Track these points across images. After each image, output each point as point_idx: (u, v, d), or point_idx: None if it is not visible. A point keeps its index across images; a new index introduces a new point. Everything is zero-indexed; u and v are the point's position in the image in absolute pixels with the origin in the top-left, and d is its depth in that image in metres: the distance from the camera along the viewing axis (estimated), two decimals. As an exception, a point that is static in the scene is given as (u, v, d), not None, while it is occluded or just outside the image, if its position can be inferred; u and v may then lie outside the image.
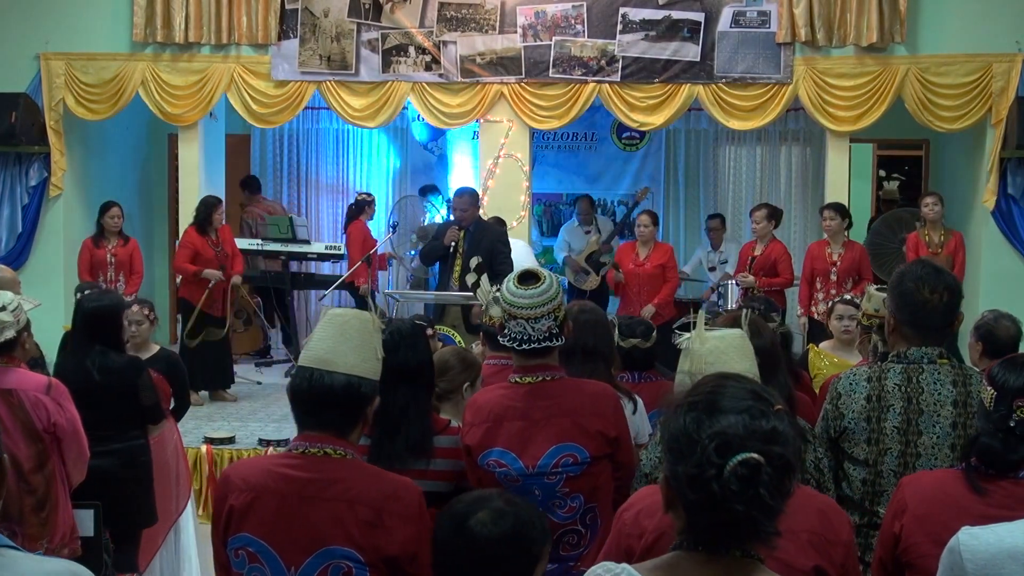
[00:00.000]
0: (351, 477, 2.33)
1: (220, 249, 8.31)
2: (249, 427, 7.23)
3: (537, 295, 2.92)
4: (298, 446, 2.38)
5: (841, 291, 7.74)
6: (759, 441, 1.55)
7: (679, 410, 1.64)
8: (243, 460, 2.76)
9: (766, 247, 8.35)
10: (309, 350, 2.42)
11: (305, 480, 2.32)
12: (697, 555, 1.61)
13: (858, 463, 2.85)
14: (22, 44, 9.20)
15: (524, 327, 2.92)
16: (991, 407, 2.28)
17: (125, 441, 4.58)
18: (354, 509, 2.29)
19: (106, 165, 10.03)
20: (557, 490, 2.95)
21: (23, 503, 3.90)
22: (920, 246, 8.18)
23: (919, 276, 2.85)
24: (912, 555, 2.32)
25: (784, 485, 1.57)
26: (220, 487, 2.40)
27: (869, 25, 8.58)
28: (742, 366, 2.33)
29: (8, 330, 3.92)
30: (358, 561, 2.27)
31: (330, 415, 2.37)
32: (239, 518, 2.33)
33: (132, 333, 5.15)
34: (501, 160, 9.24)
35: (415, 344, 2.97)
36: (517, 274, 3.01)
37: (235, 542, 2.34)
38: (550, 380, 2.98)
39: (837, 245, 8.08)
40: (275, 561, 2.30)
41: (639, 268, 8.26)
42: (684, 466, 1.58)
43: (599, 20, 8.94)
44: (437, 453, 2.93)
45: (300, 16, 9.13)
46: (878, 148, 11.29)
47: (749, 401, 1.61)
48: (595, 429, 2.94)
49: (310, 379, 2.37)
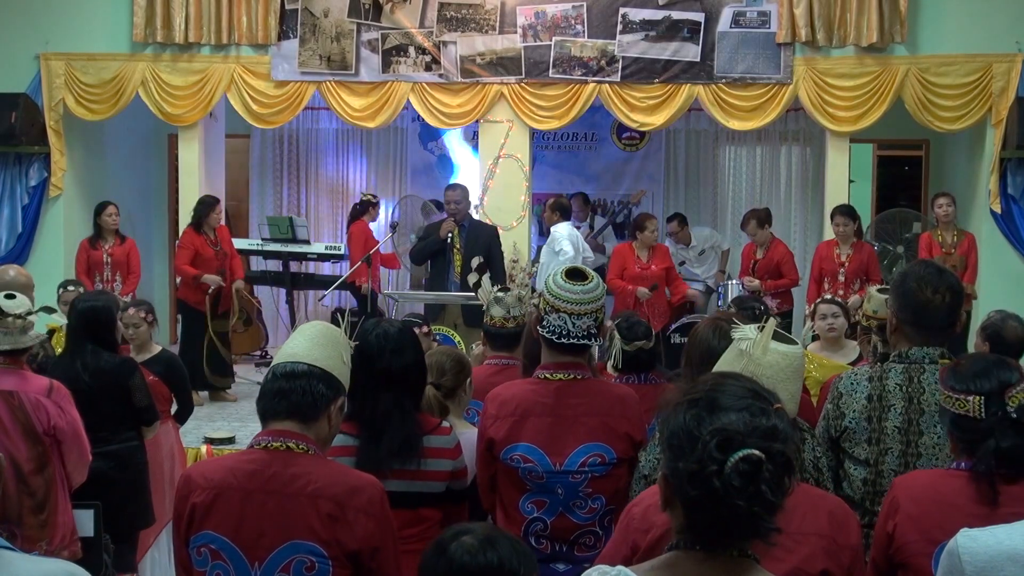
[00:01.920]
0: (313, 472, 2.35)
1: (219, 249, 8.32)
2: (249, 427, 7.22)
3: (584, 292, 2.94)
4: (260, 441, 2.39)
5: (849, 292, 7.82)
6: (760, 438, 1.55)
7: (679, 407, 1.64)
8: (205, 460, 2.79)
9: (768, 250, 8.42)
10: (279, 355, 2.48)
11: (268, 475, 2.33)
12: (695, 554, 1.60)
13: (859, 463, 2.85)
14: (22, 44, 9.21)
15: (565, 321, 2.93)
16: (981, 414, 2.28)
17: (119, 443, 4.58)
18: (316, 503, 2.30)
19: (106, 165, 10.03)
20: (580, 490, 2.95)
21: (23, 505, 3.91)
22: (933, 246, 8.20)
23: (921, 276, 2.86)
24: (906, 554, 2.32)
25: (784, 482, 1.57)
26: (182, 487, 2.41)
27: (869, 25, 8.59)
28: (794, 387, 2.33)
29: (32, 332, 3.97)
30: (321, 555, 2.29)
31: (291, 401, 2.38)
32: (201, 516, 2.34)
33: (130, 336, 5.15)
34: (501, 160, 9.25)
35: (401, 349, 2.97)
36: (565, 269, 3.03)
37: (197, 540, 2.34)
38: (580, 379, 2.98)
39: (846, 246, 8.14)
40: (238, 558, 2.31)
41: (645, 271, 8.25)
42: (685, 462, 1.57)
43: (599, 20, 8.94)
44: (428, 453, 2.93)
45: (300, 16, 9.13)
46: (878, 148, 11.29)
47: (749, 399, 1.62)
48: (623, 431, 2.95)
49: (274, 371, 2.43)
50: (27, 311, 3.97)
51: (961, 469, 2.34)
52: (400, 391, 2.94)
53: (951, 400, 2.35)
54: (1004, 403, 2.26)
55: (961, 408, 2.32)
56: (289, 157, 11.47)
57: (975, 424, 2.29)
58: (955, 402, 2.33)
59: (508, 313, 3.91)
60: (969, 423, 2.30)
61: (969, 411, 2.30)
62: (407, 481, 2.82)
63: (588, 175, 11.33)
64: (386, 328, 3.02)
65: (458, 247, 7.70)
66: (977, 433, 2.29)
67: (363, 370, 2.88)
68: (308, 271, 10.62)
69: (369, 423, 2.89)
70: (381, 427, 2.88)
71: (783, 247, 8.59)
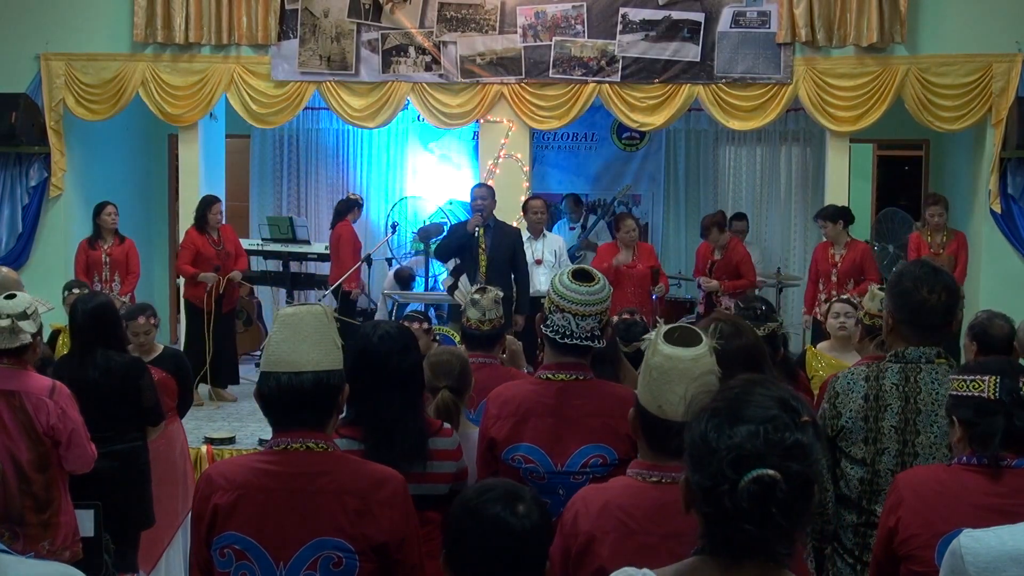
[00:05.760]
0: (336, 469, 2.36)
1: (221, 248, 8.31)
2: (249, 427, 7.22)
3: (589, 293, 2.91)
4: (278, 443, 2.39)
5: (842, 291, 7.80)
6: (778, 456, 1.48)
7: (702, 415, 1.58)
8: (224, 460, 2.76)
9: (726, 250, 8.41)
10: (270, 354, 2.41)
11: (290, 475, 2.34)
12: (720, 560, 1.56)
13: (855, 462, 2.85)
14: (22, 44, 9.21)
15: (569, 322, 2.91)
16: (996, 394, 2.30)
17: (124, 443, 4.58)
18: (341, 499, 2.31)
19: (106, 165, 10.02)
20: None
21: (24, 504, 3.91)
22: (922, 246, 8.22)
23: (917, 276, 2.86)
24: (911, 546, 2.34)
25: (801, 504, 1.50)
26: (202, 487, 2.41)
27: (869, 25, 8.59)
28: (680, 389, 2.19)
29: (25, 335, 3.95)
30: (348, 550, 2.30)
31: (306, 413, 2.38)
32: (224, 517, 2.33)
33: (140, 343, 5.17)
34: (501, 160, 9.25)
35: (406, 349, 2.97)
36: (572, 270, 3.00)
37: (220, 541, 2.34)
38: (582, 380, 2.97)
39: (839, 247, 8.14)
40: (264, 557, 2.31)
41: (631, 269, 8.23)
42: (699, 476, 1.53)
43: (599, 20, 8.94)
44: (433, 456, 2.93)
45: (300, 16, 9.13)
46: (878, 148, 11.29)
47: (774, 411, 1.53)
48: (625, 432, 2.92)
49: (279, 383, 2.37)
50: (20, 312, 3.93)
51: (964, 463, 2.36)
52: (408, 392, 2.94)
53: (964, 384, 2.37)
54: (1019, 387, 2.30)
55: (976, 389, 2.34)
56: (289, 157, 11.47)
57: (987, 404, 2.31)
58: (969, 384, 2.35)
59: (484, 316, 3.92)
60: (982, 403, 2.32)
61: (984, 392, 2.32)
62: (414, 484, 2.81)
63: (588, 175, 11.34)
64: (387, 329, 3.01)
65: (483, 246, 7.71)
66: (988, 414, 2.31)
67: (368, 373, 2.88)
68: (308, 271, 10.61)
69: (378, 425, 2.88)
70: (391, 429, 2.87)
71: (742, 248, 8.60)
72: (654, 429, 2.22)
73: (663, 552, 1.97)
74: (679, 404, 2.13)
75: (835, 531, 2.91)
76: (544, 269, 8.08)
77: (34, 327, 3.99)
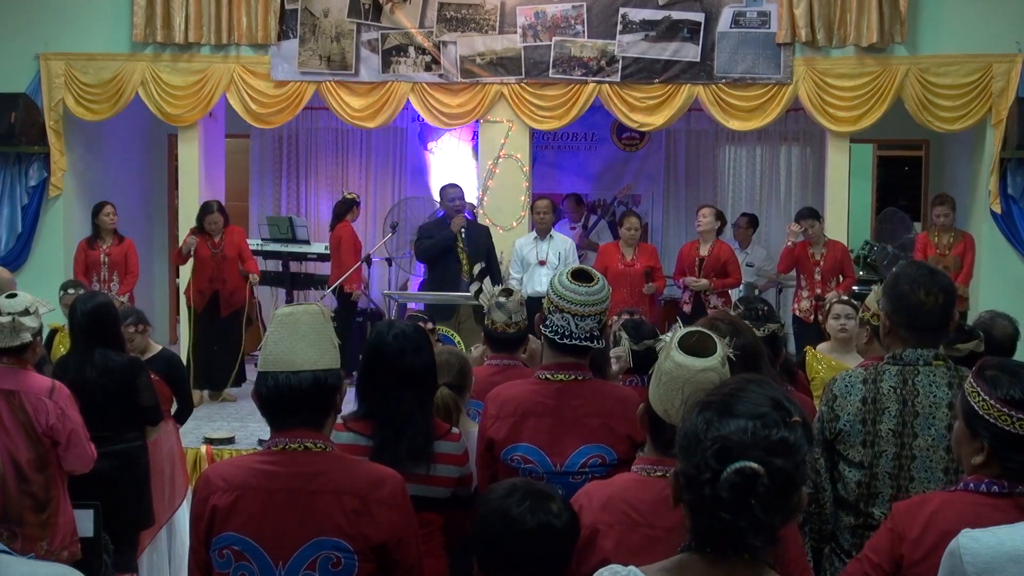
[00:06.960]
0: (334, 469, 2.36)
1: (219, 251, 8.27)
2: (249, 427, 7.23)
3: (589, 294, 2.91)
4: (277, 443, 2.39)
5: (826, 289, 8.02)
6: (762, 451, 1.51)
7: (695, 407, 1.62)
8: (222, 461, 2.76)
9: (712, 248, 8.37)
10: (268, 354, 2.41)
11: (289, 475, 2.34)
12: (706, 556, 1.58)
13: (853, 465, 2.84)
14: (22, 44, 9.21)
15: (569, 322, 2.91)
16: None
17: (124, 443, 4.58)
18: (340, 499, 2.31)
19: (106, 165, 10.03)
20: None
21: (23, 504, 3.90)
22: (928, 246, 8.25)
23: (914, 278, 2.85)
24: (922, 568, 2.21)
25: (783, 500, 1.52)
26: (200, 488, 2.41)
27: (869, 25, 8.59)
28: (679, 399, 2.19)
29: (26, 333, 3.95)
30: (347, 550, 2.30)
31: (304, 413, 2.39)
32: (223, 518, 2.34)
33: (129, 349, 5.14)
34: (501, 160, 9.24)
35: (420, 347, 2.98)
36: (571, 270, 3.00)
37: (219, 542, 2.34)
38: (581, 380, 2.97)
39: (819, 246, 8.29)
40: (263, 558, 2.31)
41: (628, 268, 8.23)
42: (685, 464, 1.57)
43: (599, 20, 8.94)
44: (438, 459, 2.93)
45: (300, 16, 9.13)
46: (878, 148, 11.29)
47: (766, 408, 1.57)
48: (624, 432, 2.93)
49: (277, 383, 2.37)
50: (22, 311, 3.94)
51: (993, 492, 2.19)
52: (421, 390, 2.94)
53: (1008, 419, 2.15)
54: None
55: (1021, 428, 2.14)
56: (289, 157, 11.47)
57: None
58: (1015, 421, 2.14)
59: (511, 319, 3.90)
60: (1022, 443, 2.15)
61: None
62: (416, 485, 2.81)
63: (588, 175, 11.33)
64: (403, 328, 3.02)
65: (462, 246, 7.70)
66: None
67: (382, 370, 2.89)
68: (308, 271, 10.61)
69: (389, 423, 2.88)
70: (401, 427, 2.87)
71: (727, 246, 8.60)
72: (660, 429, 2.23)
73: (667, 545, 1.97)
74: (674, 414, 2.15)
75: (833, 531, 2.91)
76: (547, 270, 8.07)
77: (35, 326, 4.00)
